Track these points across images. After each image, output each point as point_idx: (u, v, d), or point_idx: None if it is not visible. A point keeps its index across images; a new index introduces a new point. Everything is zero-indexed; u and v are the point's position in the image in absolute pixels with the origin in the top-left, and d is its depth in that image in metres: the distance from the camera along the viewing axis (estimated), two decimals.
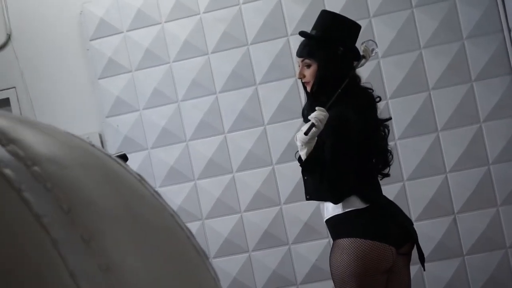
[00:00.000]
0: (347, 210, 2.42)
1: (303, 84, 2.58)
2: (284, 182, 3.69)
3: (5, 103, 3.94)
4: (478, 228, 3.56)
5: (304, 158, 2.37)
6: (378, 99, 2.57)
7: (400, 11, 3.63)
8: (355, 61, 2.53)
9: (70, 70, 3.90)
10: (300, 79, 2.57)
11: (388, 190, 2.80)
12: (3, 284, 0.21)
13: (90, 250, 0.23)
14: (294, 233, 3.68)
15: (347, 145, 2.39)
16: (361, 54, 2.52)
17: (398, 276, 2.51)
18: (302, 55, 2.54)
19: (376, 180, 2.56)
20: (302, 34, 2.58)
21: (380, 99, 2.59)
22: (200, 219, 3.76)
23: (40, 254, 0.22)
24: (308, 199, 2.55)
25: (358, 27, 2.59)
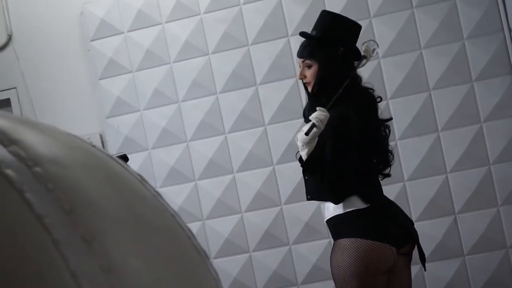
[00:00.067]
0: (348, 210, 2.42)
1: (304, 84, 2.58)
2: (285, 182, 3.69)
3: (5, 103, 3.94)
4: (479, 228, 3.56)
5: (305, 158, 2.37)
6: (379, 99, 2.57)
7: (400, 11, 3.63)
8: (355, 61, 2.53)
9: (70, 71, 3.90)
10: (301, 79, 2.57)
11: (388, 190, 2.80)
12: (4, 285, 0.21)
13: (92, 250, 0.23)
14: (294, 233, 3.68)
15: (348, 145, 2.39)
16: (362, 54, 2.52)
17: (399, 276, 2.51)
18: (302, 56, 2.54)
19: (377, 180, 2.56)
20: (302, 34, 2.58)
21: (381, 99, 2.59)
22: (200, 219, 3.76)
23: (42, 254, 0.22)
24: (309, 199, 2.55)
25: (359, 27, 2.59)
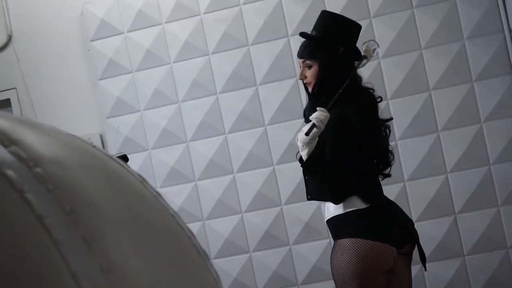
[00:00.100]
0: (348, 210, 2.42)
1: (304, 85, 2.58)
2: (285, 183, 3.69)
3: (6, 104, 3.94)
4: (479, 228, 3.56)
5: (305, 158, 2.37)
6: (379, 99, 2.57)
7: (400, 12, 3.63)
8: (356, 61, 2.53)
9: (70, 71, 3.90)
10: (301, 80, 2.57)
11: (388, 191, 2.80)
12: (4, 285, 0.21)
13: (92, 251, 0.23)
14: (294, 233, 3.68)
15: (348, 145, 2.39)
16: (362, 54, 2.52)
17: (399, 276, 2.51)
18: (303, 56, 2.54)
19: (377, 180, 2.56)
20: (302, 35, 2.58)
21: (381, 99, 2.59)
22: (200, 219, 3.76)
23: (42, 255, 0.22)
24: (309, 199, 2.55)
25: (359, 27, 2.59)
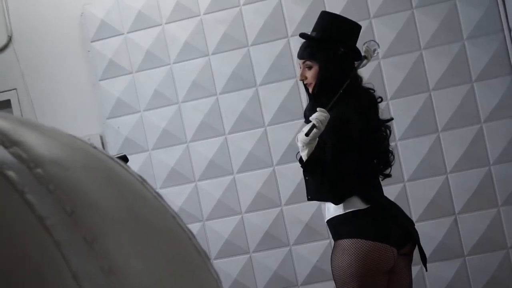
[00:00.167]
0: (348, 211, 2.42)
1: (305, 85, 2.58)
2: (285, 183, 3.69)
3: (6, 104, 3.94)
4: (479, 229, 3.56)
5: (305, 159, 2.37)
6: (379, 99, 2.57)
7: (400, 12, 3.63)
8: (356, 61, 2.53)
9: (71, 72, 3.90)
10: (301, 81, 2.57)
11: (388, 191, 2.80)
12: (5, 285, 0.21)
13: (93, 251, 0.23)
14: (295, 234, 3.68)
15: (348, 145, 2.39)
16: (362, 55, 2.52)
17: (400, 277, 2.51)
18: (303, 57, 2.54)
19: (378, 181, 2.56)
20: (302, 36, 2.58)
21: (381, 100, 2.59)
22: (200, 220, 3.76)
23: (43, 255, 0.22)
24: (309, 199, 2.55)
25: (359, 27, 2.59)
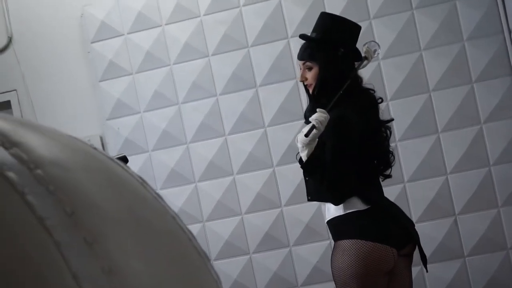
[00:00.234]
0: (348, 212, 2.42)
1: (305, 86, 2.58)
2: (285, 184, 3.69)
3: (6, 105, 3.94)
4: (479, 230, 3.56)
5: (304, 159, 2.37)
6: (380, 100, 2.57)
7: (400, 13, 3.63)
8: (356, 62, 2.53)
9: (71, 73, 3.90)
10: (302, 82, 2.57)
11: (389, 192, 2.80)
12: (5, 286, 0.21)
13: (93, 252, 0.23)
14: (295, 235, 3.68)
15: (348, 146, 2.39)
16: (363, 55, 2.53)
17: (400, 278, 2.51)
18: (303, 58, 2.54)
19: (378, 182, 2.56)
20: (302, 37, 2.58)
21: (382, 100, 2.59)
22: (201, 221, 3.76)
23: (43, 256, 0.22)
24: (309, 199, 2.56)
25: (358, 28, 2.59)
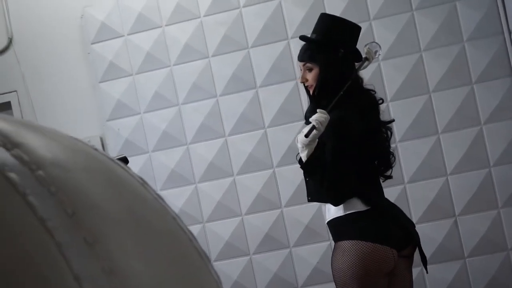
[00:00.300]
0: (348, 212, 2.42)
1: (305, 87, 2.58)
2: (285, 185, 3.69)
3: (6, 106, 3.94)
4: (479, 230, 3.55)
5: (304, 160, 2.37)
6: (380, 101, 2.57)
7: (400, 14, 3.63)
8: (356, 62, 2.53)
9: (71, 74, 3.90)
10: (302, 83, 2.57)
11: (389, 193, 2.80)
12: (6, 287, 0.21)
13: (94, 253, 0.24)
14: (295, 235, 3.68)
15: (348, 146, 2.39)
16: (364, 56, 2.53)
17: (400, 279, 2.51)
18: (303, 59, 2.54)
19: (378, 182, 2.56)
20: (302, 38, 2.58)
21: (382, 101, 2.59)
22: (201, 222, 3.76)
23: (44, 257, 0.22)
24: (309, 200, 2.56)
25: (358, 29, 2.59)
